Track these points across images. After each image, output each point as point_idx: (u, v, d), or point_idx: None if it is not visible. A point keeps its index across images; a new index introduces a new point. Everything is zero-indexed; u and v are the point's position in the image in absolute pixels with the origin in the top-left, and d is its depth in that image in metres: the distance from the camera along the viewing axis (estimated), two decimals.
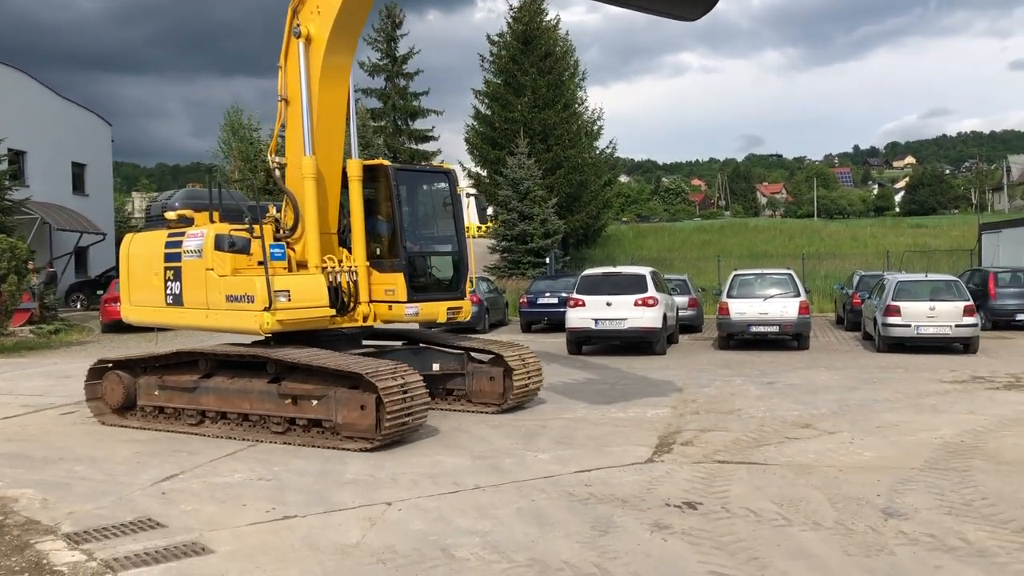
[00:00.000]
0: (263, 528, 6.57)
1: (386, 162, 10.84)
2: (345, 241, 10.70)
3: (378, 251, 10.83)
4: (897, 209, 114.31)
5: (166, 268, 10.56)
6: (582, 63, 43.89)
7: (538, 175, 35.85)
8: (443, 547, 6.00)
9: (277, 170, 10.46)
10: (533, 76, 40.21)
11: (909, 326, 17.55)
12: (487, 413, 11.23)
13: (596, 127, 43.03)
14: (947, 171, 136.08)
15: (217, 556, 5.94)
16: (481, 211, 13.29)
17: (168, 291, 10.55)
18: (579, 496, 7.24)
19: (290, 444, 9.45)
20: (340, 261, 10.38)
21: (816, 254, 40.31)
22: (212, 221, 10.29)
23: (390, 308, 10.56)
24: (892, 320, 17.72)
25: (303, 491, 7.64)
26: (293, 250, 10.24)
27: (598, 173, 42.19)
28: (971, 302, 17.66)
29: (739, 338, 19.21)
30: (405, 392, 8.98)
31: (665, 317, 18.35)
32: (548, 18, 42.67)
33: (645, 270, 18.91)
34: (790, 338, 19.12)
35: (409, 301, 10.44)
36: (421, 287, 10.78)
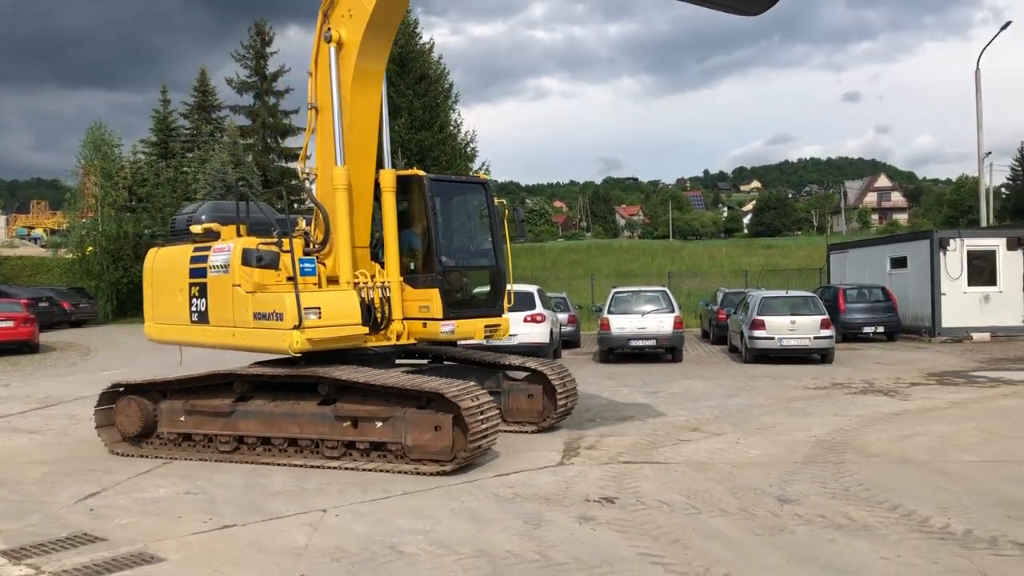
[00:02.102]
0: (207, 537, 6.75)
1: (421, 172, 10.23)
2: (377, 255, 10.20)
3: (412, 266, 10.28)
4: (746, 231, 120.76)
5: (191, 284, 10.00)
6: (454, 85, 44.35)
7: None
8: (391, 545, 6.38)
9: (307, 181, 10.06)
10: (409, 98, 40.72)
11: (773, 338, 19.00)
12: (525, 433, 10.77)
13: (470, 149, 43.94)
14: (790, 195, 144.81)
15: (170, 563, 6.11)
16: (519, 223, 13.10)
17: (193, 308, 10.00)
18: (505, 496, 7.75)
19: (352, 470, 8.80)
20: (372, 276, 9.86)
21: (678, 273, 42.40)
22: (239, 235, 9.77)
23: (424, 326, 10.02)
24: (757, 333, 19.14)
25: (234, 503, 7.81)
26: (323, 265, 9.71)
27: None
28: (827, 316, 19.30)
29: (619, 352, 20.20)
30: (482, 412, 8.63)
31: (552, 332, 19.12)
32: (423, 41, 43.39)
33: (532, 288, 19.63)
34: (664, 351, 20.25)
35: (445, 318, 9.90)
36: (457, 304, 10.22)
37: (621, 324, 19.75)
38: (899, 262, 26.80)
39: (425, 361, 11.10)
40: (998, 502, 7.16)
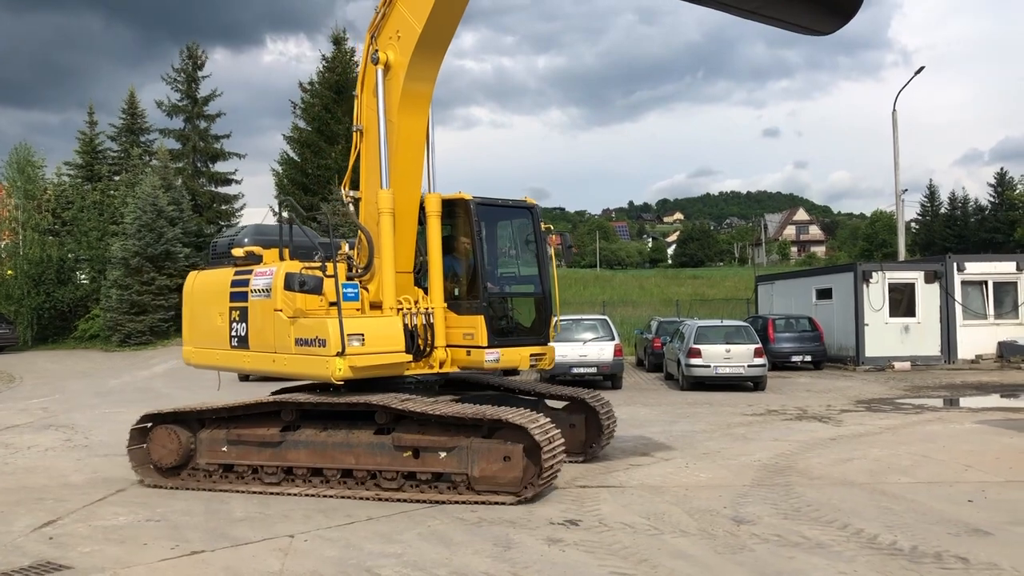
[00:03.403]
0: (178, 563, 6.73)
1: (467, 196, 9.91)
2: (420, 281, 9.97)
3: (456, 292, 10.04)
4: (670, 261, 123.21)
5: (231, 308, 9.81)
6: None
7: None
8: (366, 568, 6.47)
9: (351, 205, 9.93)
10: (347, 125, 40.54)
11: (709, 366, 19.56)
12: (568, 463, 10.06)
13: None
14: (712, 227, 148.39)
15: None
16: (567, 249, 12.85)
17: (233, 332, 9.79)
18: (470, 520, 7.89)
19: (417, 502, 8.56)
20: (416, 302, 9.62)
21: (611, 301, 43.06)
22: (282, 259, 9.61)
23: (468, 354, 9.72)
24: (694, 361, 19.68)
25: (199, 529, 7.78)
26: (366, 290, 9.56)
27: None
28: (760, 345, 19.98)
29: (560, 379, 20.47)
30: (552, 442, 8.48)
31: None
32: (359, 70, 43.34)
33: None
34: (604, 379, 20.63)
35: (490, 346, 9.61)
36: (502, 331, 9.95)
37: (563, 352, 20.01)
38: (824, 293, 27.85)
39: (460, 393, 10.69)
40: (938, 520, 7.60)
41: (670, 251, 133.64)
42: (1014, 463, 10.21)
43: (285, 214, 9.92)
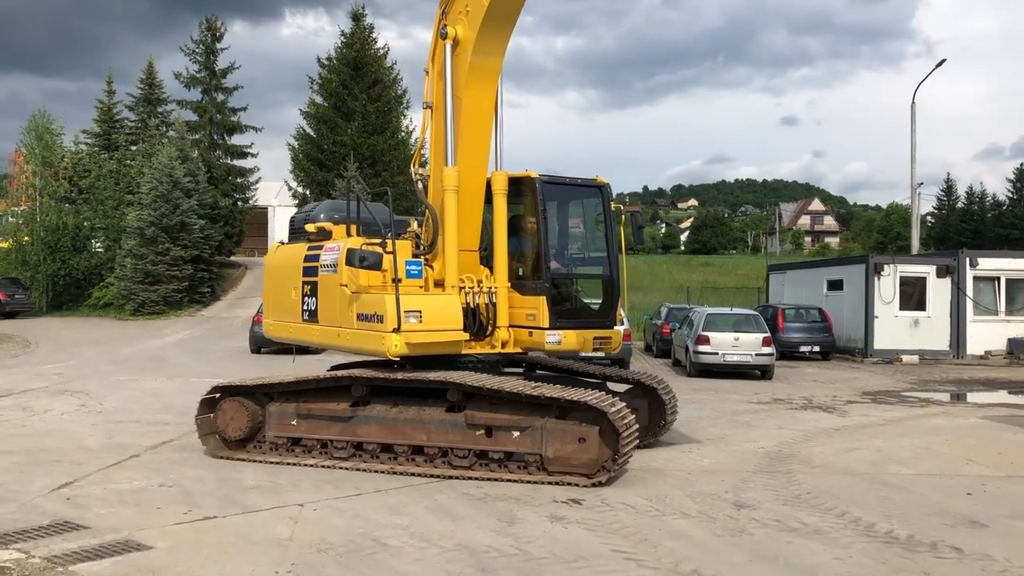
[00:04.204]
0: (191, 527, 6.93)
1: (534, 174, 9.76)
2: (487, 260, 9.90)
3: (520, 272, 9.97)
4: (683, 247, 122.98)
5: (304, 282, 9.96)
6: (407, 92, 44.42)
7: (367, 199, 36.10)
8: (374, 538, 6.65)
9: (420, 182, 9.89)
10: (363, 102, 40.69)
11: (717, 354, 19.67)
12: None
13: (422, 157, 43.82)
14: (726, 214, 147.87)
15: (159, 551, 6.28)
16: (638, 230, 12.66)
17: (304, 306, 9.93)
18: (476, 496, 8.06)
19: (492, 480, 8.55)
20: (480, 282, 9.60)
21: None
22: (349, 235, 9.70)
23: (531, 335, 9.67)
24: (702, 348, 19.78)
25: (211, 495, 7.98)
26: (431, 268, 9.56)
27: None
28: (769, 334, 20.05)
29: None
30: (629, 427, 8.46)
31: None
32: (378, 46, 43.39)
33: None
34: (612, 364, 20.73)
35: (551, 328, 9.53)
36: (566, 313, 9.81)
37: None
38: (835, 284, 27.86)
39: (519, 370, 10.74)
40: (935, 511, 7.73)
41: (683, 237, 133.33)
42: (1015, 459, 10.31)
43: (357, 191, 10.02)
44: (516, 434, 8.64)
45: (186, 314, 37.17)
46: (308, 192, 40.88)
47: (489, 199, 9.76)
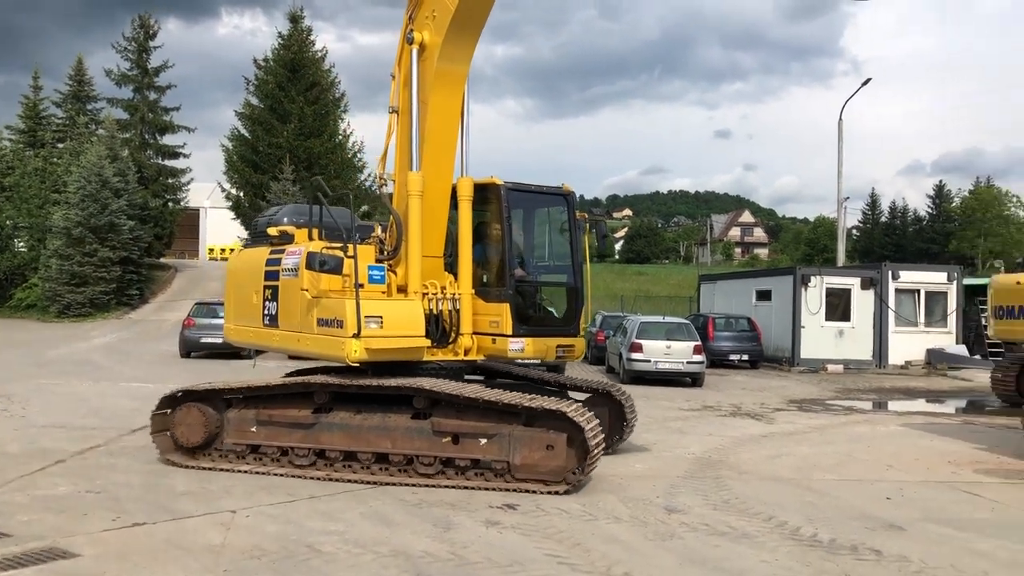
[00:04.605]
0: (119, 534, 6.80)
1: (498, 180, 9.84)
2: (451, 266, 9.86)
3: (484, 278, 9.98)
4: (617, 256, 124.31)
5: (265, 287, 9.81)
6: (346, 95, 44.18)
7: (303, 203, 35.72)
8: (308, 544, 6.62)
9: (383, 187, 9.80)
10: (300, 105, 40.31)
11: (649, 361, 20.01)
12: None
13: (359, 160, 43.81)
14: (660, 224, 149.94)
15: (86, 559, 6.16)
16: (603, 238, 12.52)
17: (265, 311, 9.78)
18: (411, 502, 8.07)
19: (452, 488, 8.55)
20: (443, 288, 9.54)
21: None
22: (310, 239, 9.61)
23: (494, 342, 9.67)
24: (635, 356, 20.10)
25: (140, 501, 7.84)
26: (394, 273, 9.44)
27: (359, 206, 42.94)
28: (700, 342, 20.47)
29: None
30: (597, 435, 8.54)
31: None
32: (316, 48, 43.05)
33: None
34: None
35: (514, 335, 9.57)
36: (529, 320, 9.88)
37: None
38: (764, 295, 28.56)
39: (480, 378, 10.64)
40: (857, 515, 8.01)
41: (617, 247, 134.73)
42: (931, 464, 10.73)
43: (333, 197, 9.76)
44: (483, 441, 8.64)
45: (113, 317, 36.25)
46: (242, 194, 40.35)
47: (454, 205, 9.76)
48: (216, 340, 23.95)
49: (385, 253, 9.55)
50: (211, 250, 61.34)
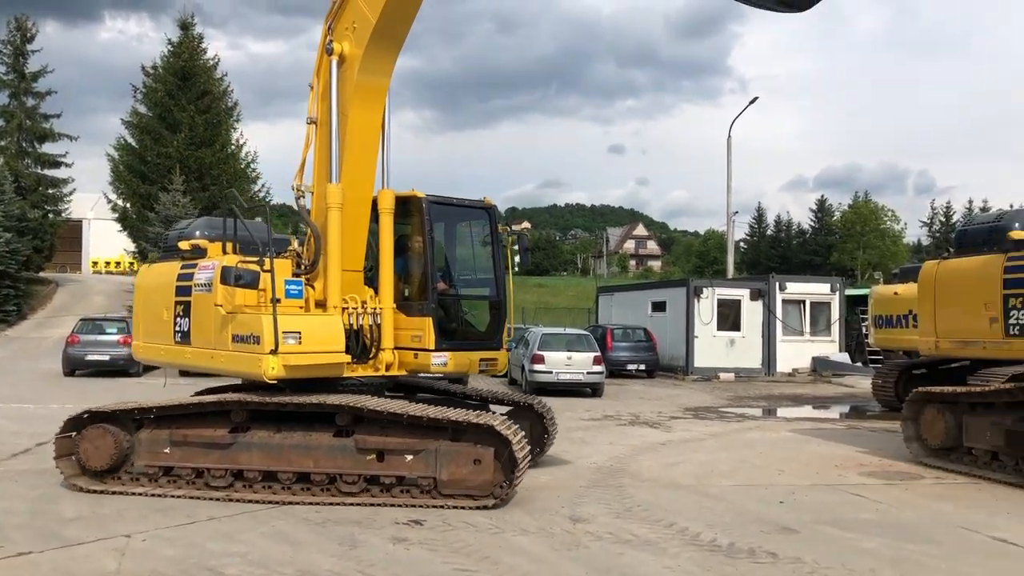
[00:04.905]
0: (2, 564, 6.46)
1: (420, 193, 9.78)
2: (372, 280, 9.72)
3: (406, 292, 9.87)
4: (516, 268, 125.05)
5: (176, 302, 9.39)
6: (239, 104, 43.17)
7: (194, 214, 34.94)
8: (209, 567, 6.43)
9: (301, 199, 9.50)
10: (191, 113, 39.15)
11: (551, 372, 20.24)
12: None
13: (253, 171, 42.80)
14: (558, 237, 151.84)
15: None
16: (525, 252, 12.19)
17: (177, 328, 9.36)
18: (315, 520, 7.94)
19: (377, 506, 8.36)
20: (364, 302, 9.38)
21: None
22: (224, 253, 9.29)
23: (416, 357, 9.57)
24: (537, 367, 20.30)
25: (25, 529, 7.47)
26: (312, 288, 9.21)
27: (252, 217, 41.86)
28: (599, 353, 20.83)
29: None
30: (524, 448, 8.50)
31: None
32: (207, 56, 41.95)
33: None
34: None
35: (437, 350, 9.48)
36: (452, 334, 9.84)
37: None
38: (659, 306, 29.29)
39: (400, 394, 10.52)
40: (753, 519, 8.30)
41: (516, 259, 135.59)
42: (820, 468, 11.21)
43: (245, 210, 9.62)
44: (409, 457, 8.54)
45: None
46: (129, 206, 38.87)
47: (375, 217, 9.63)
48: (103, 357, 23.19)
49: (303, 267, 9.35)
50: (95, 263, 58.88)
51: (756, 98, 36.03)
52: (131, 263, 44.55)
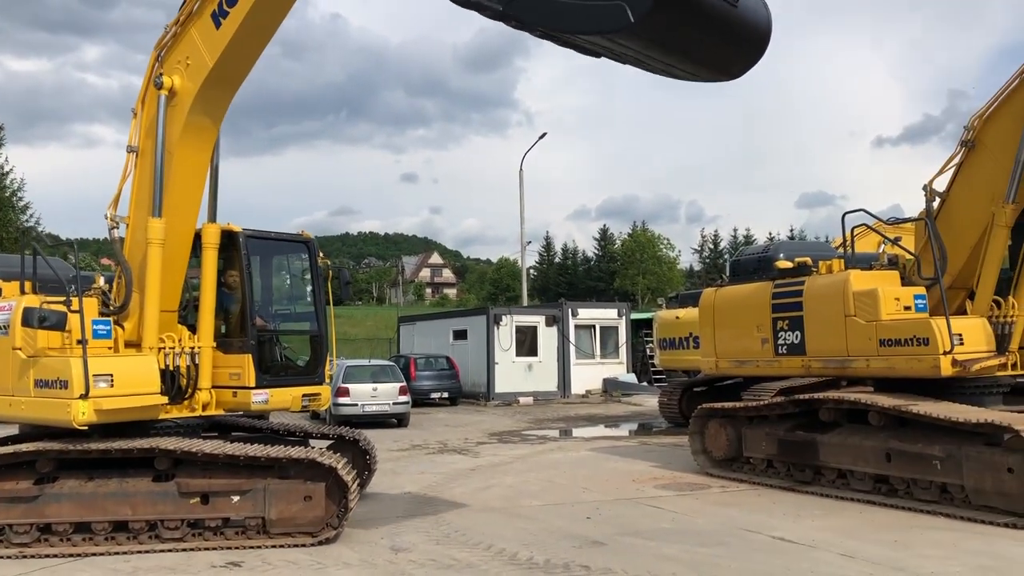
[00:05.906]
0: None
1: (236, 227, 9.50)
2: (186, 318, 9.27)
3: (224, 329, 9.50)
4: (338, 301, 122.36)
5: None
6: (3, 127, 39.57)
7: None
8: None
9: (114, 231, 8.85)
10: None
11: (356, 404, 20.18)
12: None
13: (19, 200, 39.34)
14: (352, 265, 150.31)
15: None
16: (345, 285, 11.16)
17: None
18: (124, 571, 7.65)
19: (207, 550, 8.06)
20: (179, 340, 8.93)
21: None
22: (23, 292, 8.66)
23: (235, 395, 9.25)
24: (342, 400, 20.17)
25: None
26: (121, 327, 8.72)
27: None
28: (404, 383, 21.01)
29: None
30: (347, 471, 8.44)
31: None
32: None
33: None
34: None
35: (258, 387, 9.23)
36: (272, 370, 9.63)
37: None
38: (461, 334, 29.90)
39: (215, 434, 10.11)
40: (564, 536, 8.81)
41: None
42: (619, 484, 11.98)
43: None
44: (236, 498, 8.36)
45: None
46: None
47: (196, 252, 9.31)
48: None
49: (111, 307, 8.94)
50: None
51: (545, 133, 38.12)
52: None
